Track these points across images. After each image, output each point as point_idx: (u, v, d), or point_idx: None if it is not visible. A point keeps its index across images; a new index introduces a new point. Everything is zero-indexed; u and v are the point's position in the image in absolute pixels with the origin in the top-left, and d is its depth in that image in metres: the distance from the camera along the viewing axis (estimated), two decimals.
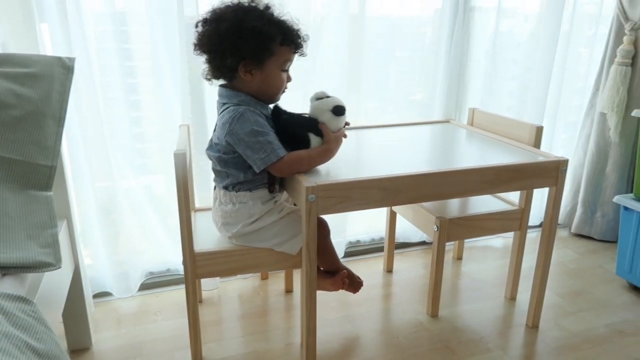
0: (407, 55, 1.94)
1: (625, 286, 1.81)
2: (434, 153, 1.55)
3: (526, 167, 1.37)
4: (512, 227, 1.63)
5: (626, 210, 1.74)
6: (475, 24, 1.92)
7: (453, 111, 1.97)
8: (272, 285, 1.79)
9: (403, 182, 1.23)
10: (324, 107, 1.28)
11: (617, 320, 1.61)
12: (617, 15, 1.95)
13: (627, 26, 1.92)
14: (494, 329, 1.56)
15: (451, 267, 1.94)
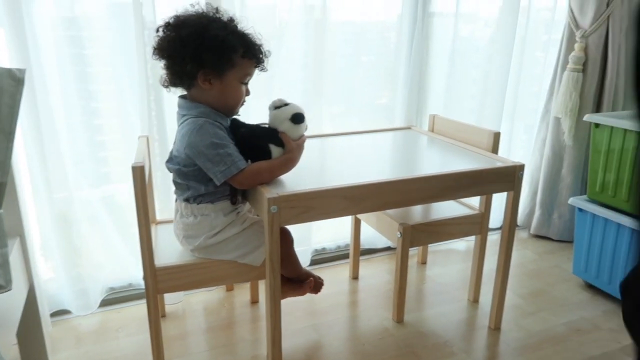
0: (373, 60, 1.96)
1: (582, 285, 1.88)
2: (396, 160, 1.57)
3: (484, 172, 1.40)
4: (473, 231, 1.67)
5: (580, 212, 1.81)
6: (434, 29, 1.96)
7: (415, 117, 2.00)
8: (237, 297, 1.77)
9: (365, 191, 1.24)
10: (282, 115, 1.28)
11: (575, 319, 1.67)
12: (569, 23, 2.02)
13: (577, 33, 2.00)
14: (457, 332, 1.58)
15: (416, 272, 1.97)
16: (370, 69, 1.95)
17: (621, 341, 1.55)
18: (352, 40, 1.89)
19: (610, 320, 1.66)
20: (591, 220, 1.77)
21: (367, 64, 1.95)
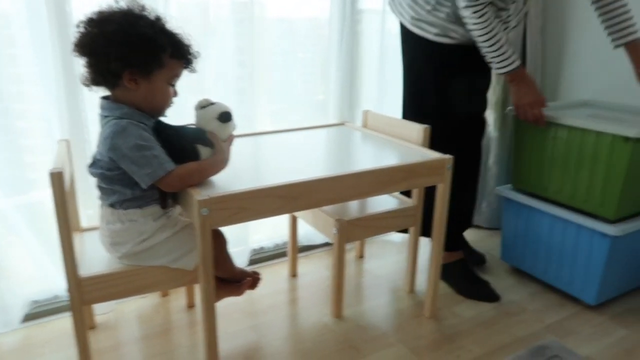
0: (309, 57, 1.96)
1: (510, 269, 1.97)
2: (330, 157, 1.57)
3: (415, 166, 1.43)
4: (408, 224, 1.71)
5: (506, 200, 1.90)
6: (364, 26, 1.98)
7: (348, 113, 2.02)
8: (173, 302, 1.71)
9: (299, 189, 1.24)
10: (209, 115, 1.25)
11: (504, 303, 1.75)
12: None
13: None
14: (395, 323, 1.62)
15: (354, 266, 1.99)
16: (307, 66, 1.96)
17: (545, 321, 1.64)
18: (288, 36, 1.89)
19: (535, 302, 1.75)
20: (516, 208, 1.86)
21: (304, 61, 1.96)
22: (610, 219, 1.58)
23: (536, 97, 1.62)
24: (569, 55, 2.09)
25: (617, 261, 1.64)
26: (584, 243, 1.65)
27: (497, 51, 1.54)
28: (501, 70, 1.57)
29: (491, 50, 1.55)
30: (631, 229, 1.58)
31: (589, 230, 1.62)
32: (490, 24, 1.51)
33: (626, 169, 1.50)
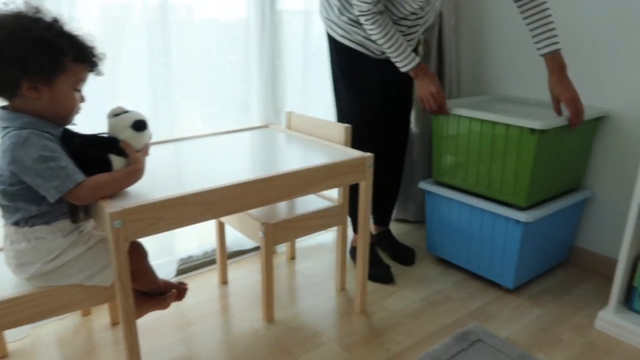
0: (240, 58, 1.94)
1: (436, 260, 2.05)
2: (254, 160, 1.55)
3: (337, 165, 1.45)
4: (335, 223, 1.72)
5: (428, 194, 1.96)
6: (285, 26, 1.98)
7: (272, 115, 2.01)
8: (96, 321, 1.63)
9: (218, 195, 1.21)
10: (122, 123, 1.19)
11: (430, 293, 1.81)
12: None
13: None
14: (326, 322, 1.63)
15: (286, 268, 1.98)
16: (237, 67, 1.93)
17: (469, 307, 1.72)
18: (217, 38, 1.86)
19: (460, 290, 1.83)
20: (437, 201, 1.93)
21: (235, 62, 1.93)
22: (522, 207, 1.68)
23: (438, 88, 1.72)
24: (482, 52, 2.20)
25: (530, 246, 1.75)
26: (499, 230, 1.74)
27: (396, 51, 1.64)
28: (404, 68, 1.68)
29: (391, 51, 1.65)
30: (540, 215, 1.69)
31: (504, 218, 1.71)
32: (385, 28, 1.61)
33: (533, 158, 1.60)
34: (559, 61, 1.58)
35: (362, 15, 1.60)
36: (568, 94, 1.57)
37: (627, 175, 1.81)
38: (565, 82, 1.57)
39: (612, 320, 1.56)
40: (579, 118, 1.59)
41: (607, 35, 1.77)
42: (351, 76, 1.80)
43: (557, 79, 1.58)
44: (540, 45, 1.60)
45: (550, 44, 1.58)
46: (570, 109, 1.58)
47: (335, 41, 1.78)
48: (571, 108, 1.58)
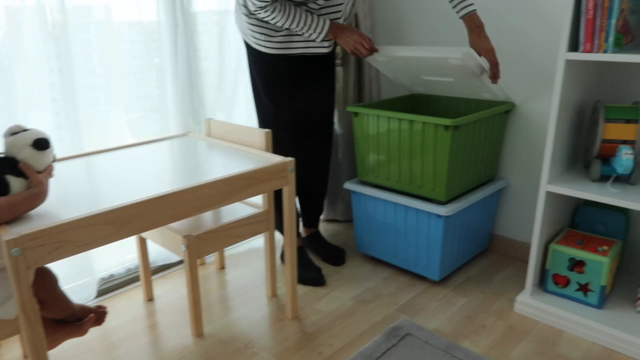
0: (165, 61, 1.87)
1: (365, 258, 2.07)
2: (174, 171, 1.49)
3: (257, 172, 1.43)
4: (261, 229, 1.70)
5: (354, 193, 1.99)
6: (200, 29, 1.92)
7: (192, 123, 1.95)
8: (6, 354, 1.51)
9: (130, 212, 1.15)
10: (21, 142, 1.11)
11: (361, 291, 1.83)
12: None
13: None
14: (258, 331, 1.60)
15: (215, 279, 1.93)
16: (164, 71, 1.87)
17: (398, 302, 1.75)
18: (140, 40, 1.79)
19: (389, 286, 1.86)
20: (363, 199, 1.96)
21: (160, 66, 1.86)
22: (442, 201, 1.74)
23: (359, 34, 1.70)
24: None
25: (452, 238, 1.81)
26: (423, 225, 1.79)
27: (305, 26, 1.64)
28: (321, 36, 1.67)
29: (300, 27, 1.64)
30: (460, 208, 1.75)
31: (426, 213, 1.76)
32: (286, 11, 1.60)
33: (449, 154, 1.66)
34: (476, 20, 1.68)
35: (260, 10, 1.59)
36: (487, 46, 1.66)
37: (536, 164, 1.92)
38: (484, 37, 1.66)
39: (529, 303, 1.65)
40: (497, 68, 1.67)
41: (496, 35, 1.87)
42: (270, 80, 1.78)
43: (477, 35, 1.67)
44: (458, 9, 1.70)
45: (466, 6, 1.68)
46: (489, 59, 1.66)
47: (251, 47, 1.76)
48: (490, 58, 1.66)
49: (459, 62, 1.61)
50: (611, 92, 1.70)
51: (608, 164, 1.54)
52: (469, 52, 1.57)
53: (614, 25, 1.33)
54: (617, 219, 1.73)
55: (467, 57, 1.57)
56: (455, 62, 1.63)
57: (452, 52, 1.60)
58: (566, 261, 1.61)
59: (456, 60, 1.61)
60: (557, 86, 1.46)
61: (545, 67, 1.82)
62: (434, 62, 1.71)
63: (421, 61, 1.73)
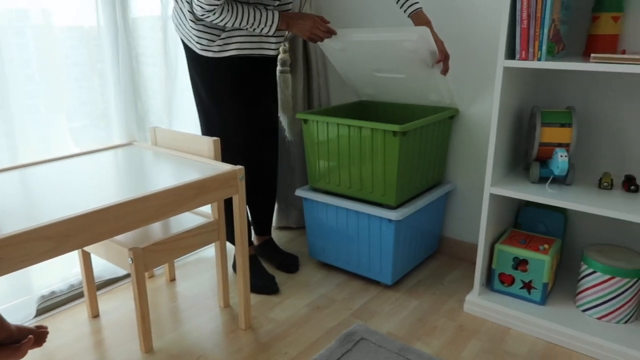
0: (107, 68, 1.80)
1: (319, 265, 2.08)
2: (120, 182, 1.44)
3: (206, 181, 1.40)
4: (212, 239, 1.67)
5: (306, 200, 1.99)
6: (141, 34, 1.87)
7: (136, 131, 1.90)
8: None
9: (71, 226, 1.10)
10: None
11: (315, 298, 1.83)
12: None
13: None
14: (211, 343, 1.57)
15: (165, 291, 1.88)
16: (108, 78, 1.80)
17: (352, 307, 1.76)
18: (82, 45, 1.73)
19: (343, 291, 1.87)
20: (315, 206, 1.96)
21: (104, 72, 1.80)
22: (392, 206, 1.77)
23: (313, 18, 1.68)
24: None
25: (403, 242, 1.85)
26: (374, 230, 1.81)
27: (255, 21, 1.61)
28: (272, 29, 1.64)
29: (251, 24, 1.61)
30: (410, 212, 1.79)
31: (377, 218, 1.78)
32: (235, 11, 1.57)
33: (398, 159, 1.69)
34: (423, 17, 1.74)
35: (208, 14, 1.56)
36: (437, 39, 1.70)
37: (480, 168, 1.99)
38: (433, 31, 1.70)
39: (477, 302, 1.70)
40: (447, 60, 1.72)
41: (452, 44, 1.93)
42: (215, 86, 1.76)
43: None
44: (405, 7, 1.75)
45: (412, 4, 1.74)
46: (440, 49, 1.70)
47: (194, 53, 1.73)
48: (440, 48, 1.70)
49: (414, 46, 1.65)
50: (547, 98, 1.79)
51: (546, 166, 1.62)
52: (424, 32, 1.61)
53: (547, 34, 1.41)
54: (556, 218, 1.81)
55: (422, 39, 1.62)
56: (410, 46, 1.67)
57: (408, 34, 1.64)
58: (510, 260, 1.67)
59: (411, 43, 1.65)
60: (496, 92, 1.52)
61: (485, 74, 1.89)
62: (389, 47, 1.73)
63: (376, 46, 1.76)
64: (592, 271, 1.56)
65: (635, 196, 1.50)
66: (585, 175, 1.71)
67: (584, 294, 1.60)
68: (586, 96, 1.71)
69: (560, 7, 1.47)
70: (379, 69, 1.91)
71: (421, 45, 1.64)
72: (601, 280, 1.54)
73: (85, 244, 1.15)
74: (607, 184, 1.55)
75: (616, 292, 1.52)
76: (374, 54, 1.81)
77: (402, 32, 1.66)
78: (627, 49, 1.60)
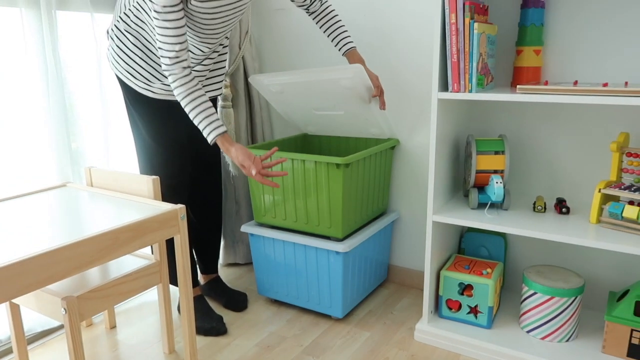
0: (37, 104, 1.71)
1: (268, 301, 2.03)
2: (53, 226, 1.36)
3: (145, 223, 1.35)
4: (154, 282, 1.59)
5: (252, 236, 1.95)
6: (72, 72, 1.81)
7: (71, 172, 1.81)
8: None
9: None
10: None
11: (265, 336, 1.78)
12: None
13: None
14: None
15: (105, 340, 1.77)
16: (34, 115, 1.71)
17: (303, 343, 1.73)
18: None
19: (293, 328, 1.84)
20: (261, 242, 1.93)
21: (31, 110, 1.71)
22: (339, 238, 1.77)
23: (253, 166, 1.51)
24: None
25: (352, 273, 1.84)
26: (322, 263, 1.80)
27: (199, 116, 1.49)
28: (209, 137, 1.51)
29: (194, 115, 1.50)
30: (356, 243, 1.79)
31: (325, 251, 1.77)
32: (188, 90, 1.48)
33: (342, 191, 1.70)
34: (357, 55, 1.76)
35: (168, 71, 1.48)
36: (372, 74, 1.73)
37: (421, 195, 2.04)
38: (367, 68, 1.74)
39: (427, 330, 1.71)
40: (382, 93, 1.75)
41: (389, 79, 2.00)
42: (157, 126, 1.72)
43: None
44: (340, 46, 1.77)
45: (346, 44, 1.76)
46: (375, 84, 1.73)
47: (135, 92, 1.68)
48: (376, 83, 1.73)
49: (350, 83, 1.68)
50: (480, 126, 1.87)
51: (484, 192, 1.68)
52: (358, 69, 1.64)
53: (476, 67, 1.48)
54: (497, 242, 1.87)
55: (357, 75, 1.65)
56: (346, 84, 1.70)
57: (344, 72, 1.67)
58: (456, 286, 1.70)
59: (347, 80, 1.68)
60: (433, 123, 1.57)
61: (422, 106, 1.96)
62: (326, 86, 1.76)
63: (314, 86, 1.78)
64: (533, 292, 1.61)
65: (567, 218, 1.58)
66: (520, 199, 1.78)
67: (527, 315, 1.64)
68: (516, 123, 1.80)
69: (487, 42, 1.56)
70: (318, 107, 1.94)
71: (357, 82, 1.68)
72: (542, 301, 1.59)
73: (14, 296, 1.07)
74: (540, 207, 1.62)
75: (556, 311, 1.57)
76: (312, 93, 1.84)
77: (337, 71, 1.69)
78: (550, 80, 1.71)
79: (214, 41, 1.66)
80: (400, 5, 1.91)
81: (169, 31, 1.43)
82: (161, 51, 1.47)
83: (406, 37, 1.93)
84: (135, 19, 1.59)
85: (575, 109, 1.70)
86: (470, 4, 1.47)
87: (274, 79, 1.83)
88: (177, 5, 1.42)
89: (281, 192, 1.84)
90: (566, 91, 1.38)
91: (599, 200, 1.50)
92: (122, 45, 1.64)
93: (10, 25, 1.65)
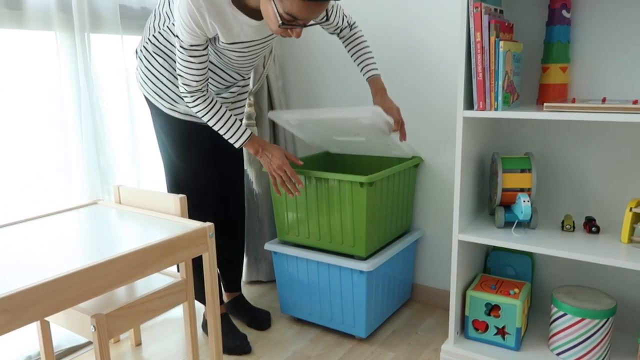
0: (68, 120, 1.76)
1: (292, 320, 2.03)
2: (84, 244, 1.38)
3: (175, 240, 1.36)
4: (180, 300, 1.60)
5: (275, 254, 1.96)
6: (105, 82, 1.86)
7: (100, 190, 1.85)
8: None
9: (30, 296, 1.04)
10: None
11: (289, 355, 1.77)
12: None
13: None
14: None
15: (131, 357, 1.79)
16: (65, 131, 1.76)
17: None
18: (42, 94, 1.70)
19: (317, 347, 1.82)
20: (284, 260, 1.94)
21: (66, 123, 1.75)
22: (362, 257, 1.76)
23: (282, 159, 1.67)
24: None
25: (376, 293, 1.83)
26: (346, 282, 1.79)
27: (225, 127, 1.61)
28: (238, 143, 1.64)
29: (220, 127, 1.61)
30: (380, 262, 1.78)
31: (348, 270, 1.77)
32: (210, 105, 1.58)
33: (366, 210, 1.70)
34: (380, 83, 1.77)
35: (187, 95, 1.57)
36: (392, 106, 1.73)
37: (446, 213, 2.02)
38: (387, 99, 1.75)
39: (453, 351, 1.69)
40: (403, 127, 1.75)
41: (400, 96, 2.00)
42: (182, 144, 1.75)
43: (380, 97, 1.75)
44: (364, 72, 1.78)
45: (371, 70, 1.77)
46: (395, 117, 1.72)
47: (161, 112, 1.72)
48: (395, 116, 1.72)
49: (369, 121, 1.69)
50: (506, 144, 1.86)
51: (510, 211, 1.66)
52: (377, 110, 1.65)
53: (501, 85, 1.48)
54: (524, 261, 1.84)
55: (376, 115, 1.65)
56: (365, 122, 1.71)
57: (361, 112, 1.67)
58: (483, 306, 1.67)
59: (366, 119, 1.69)
60: (458, 141, 1.56)
61: (447, 124, 1.96)
62: (345, 123, 1.78)
63: (333, 122, 1.80)
64: (563, 314, 1.57)
65: (596, 237, 1.55)
66: (548, 218, 1.76)
67: (557, 337, 1.61)
68: (543, 141, 1.78)
69: (512, 60, 1.56)
70: (339, 135, 1.95)
71: (376, 118, 1.69)
72: (572, 323, 1.55)
73: (47, 314, 1.09)
74: (569, 226, 1.60)
75: (587, 333, 1.54)
76: (331, 126, 1.86)
77: (355, 112, 1.70)
78: (577, 97, 1.69)
79: (246, 70, 1.71)
80: (425, 23, 1.93)
81: (192, 65, 1.51)
82: (181, 79, 1.54)
83: (430, 54, 1.94)
84: (165, 41, 1.63)
85: (604, 126, 1.68)
86: (495, 22, 1.48)
87: (292, 115, 1.86)
88: (202, 45, 1.49)
89: (304, 210, 1.84)
90: (595, 109, 1.37)
91: (630, 219, 1.47)
92: (150, 66, 1.68)
93: (45, 47, 1.71)
